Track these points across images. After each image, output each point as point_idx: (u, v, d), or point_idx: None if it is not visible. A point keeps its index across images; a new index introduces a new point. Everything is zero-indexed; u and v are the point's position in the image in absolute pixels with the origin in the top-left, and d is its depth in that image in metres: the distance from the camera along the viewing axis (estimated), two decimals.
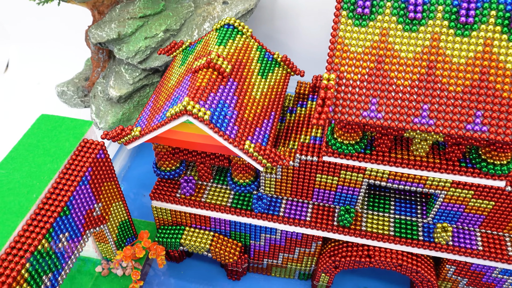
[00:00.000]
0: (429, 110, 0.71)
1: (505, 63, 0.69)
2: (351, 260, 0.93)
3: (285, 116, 1.05)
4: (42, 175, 0.79)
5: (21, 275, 0.68)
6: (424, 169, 0.82)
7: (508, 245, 0.88)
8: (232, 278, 1.07)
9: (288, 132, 0.98)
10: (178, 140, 0.87)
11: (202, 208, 0.96)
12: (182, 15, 1.23)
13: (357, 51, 0.73)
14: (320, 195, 0.93)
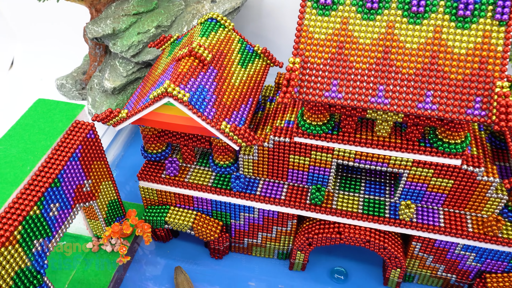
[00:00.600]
0: (385, 90, 0.78)
1: (452, 48, 0.76)
2: (323, 237, 1.00)
3: (265, 105, 1.12)
4: (36, 150, 0.87)
5: (14, 236, 0.75)
6: (386, 149, 0.89)
7: (469, 223, 0.94)
8: (214, 256, 1.14)
9: (266, 119, 1.05)
10: (162, 122, 0.95)
11: (185, 188, 1.04)
12: (173, 12, 1.31)
13: (320, 38, 0.80)
14: (294, 176, 1.00)
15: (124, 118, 0.94)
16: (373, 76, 0.78)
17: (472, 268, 1.00)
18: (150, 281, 1.10)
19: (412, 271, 1.06)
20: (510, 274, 0.97)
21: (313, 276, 1.10)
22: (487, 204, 0.92)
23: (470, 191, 0.91)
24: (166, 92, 0.85)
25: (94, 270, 1.05)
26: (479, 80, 0.75)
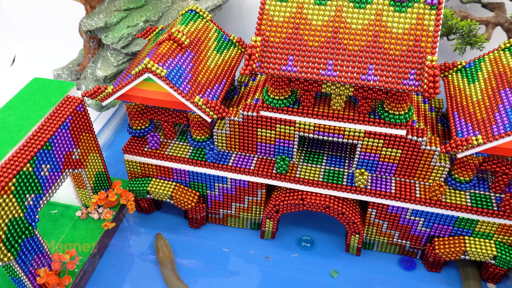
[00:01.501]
0: (333, 65, 0.90)
1: (391, 29, 0.89)
2: (288, 204, 1.11)
3: (240, 89, 1.24)
4: (31, 119, 0.98)
5: (9, 187, 0.86)
6: (341, 121, 1.00)
7: (417, 189, 1.05)
8: (193, 226, 1.24)
9: (240, 100, 1.17)
10: (144, 98, 1.06)
11: (165, 160, 1.15)
12: (160, 9, 1.44)
13: (279, 20, 0.92)
14: (263, 149, 1.11)
15: (110, 94, 1.06)
16: (323, 53, 0.90)
17: (422, 233, 1.11)
18: (133, 247, 1.20)
19: (371, 239, 1.17)
20: (455, 237, 1.08)
21: (282, 244, 1.21)
22: (432, 172, 1.04)
23: (417, 160, 1.02)
24: (146, 68, 0.97)
25: (82, 234, 1.15)
26: (413, 55, 0.87)
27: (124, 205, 1.25)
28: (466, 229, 1.06)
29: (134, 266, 1.16)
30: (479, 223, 1.04)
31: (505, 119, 0.91)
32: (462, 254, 1.06)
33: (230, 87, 1.27)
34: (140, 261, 1.17)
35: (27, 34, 1.97)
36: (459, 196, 1.04)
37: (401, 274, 1.14)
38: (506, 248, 1.05)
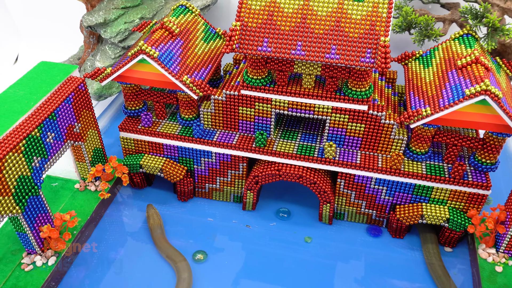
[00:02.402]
0: (302, 45, 1.04)
1: (351, 15, 1.04)
2: (266, 175, 1.24)
3: (225, 78, 1.39)
4: (38, 93, 1.12)
5: (19, 147, 0.99)
6: (311, 98, 1.14)
7: (379, 161, 1.19)
8: (181, 199, 1.37)
9: (224, 84, 1.31)
10: (139, 78, 1.20)
11: (156, 137, 1.28)
12: (155, 7, 1.59)
13: (255, 8, 1.07)
14: (244, 126, 1.25)
15: (109, 74, 1.20)
16: (293, 35, 1.05)
17: (386, 202, 1.24)
18: (126, 216, 1.32)
19: (341, 209, 1.29)
20: (414, 204, 1.21)
21: (262, 215, 1.33)
22: (392, 145, 1.18)
23: (378, 133, 1.16)
24: (141, 50, 1.11)
25: (80, 203, 1.27)
26: (369, 37, 1.02)
27: (119, 180, 1.37)
28: (423, 196, 1.20)
29: (127, 232, 1.28)
30: (434, 190, 1.17)
31: (450, 94, 1.06)
32: (420, 219, 1.19)
33: (217, 76, 1.42)
34: (133, 228, 1.29)
35: (30, 33, 2.11)
36: (416, 166, 1.17)
37: (368, 240, 1.27)
38: (458, 212, 1.18)
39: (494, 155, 1.13)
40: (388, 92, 1.29)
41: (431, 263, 1.18)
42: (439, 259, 1.19)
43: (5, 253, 1.13)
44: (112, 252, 1.22)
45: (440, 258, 1.20)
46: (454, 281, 1.13)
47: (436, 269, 1.16)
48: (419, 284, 1.16)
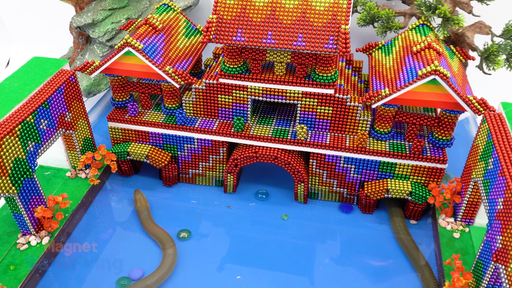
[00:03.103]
0: (272, 35, 1.15)
1: (315, 7, 1.15)
2: (244, 157, 1.34)
3: (205, 71, 1.49)
4: (32, 84, 1.21)
5: (15, 131, 1.08)
6: (282, 84, 1.25)
7: (347, 141, 1.30)
8: (166, 184, 1.46)
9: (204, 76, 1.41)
10: (126, 70, 1.30)
11: (142, 125, 1.38)
12: (140, 9, 1.70)
13: (230, 3, 1.18)
14: (223, 113, 1.35)
15: (97, 67, 1.30)
16: (264, 26, 1.16)
17: (355, 180, 1.35)
18: (115, 201, 1.41)
19: (315, 188, 1.40)
20: (381, 180, 1.32)
21: (242, 197, 1.43)
22: (358, 126, 1.29)
23: (345, 115, 1.28)
24: (127, 43, 1.22)
25: (71, 189, 1.36)
26: (332, 26, 1.14)
27: (108, 168, 1.46)
28: (388, 173, 1.31)
29: (115, 216, 1.37)
30: (397, 166, 1.29)
31: (406, 76, 1.18)
32: (385, 193, 1.30)
33: (198, 70, 1.53)
34: (121, 211, 1.38)
35: (21, 37, 2.20)
36: (380, 145, 1.29)
37: (341, 218, 1.37)
38: (420, 186, 1.29)
39: (449, 131, 1.25)
40: (354, 79, 1.40)
41: (400, 238, 1.29)
42: (407, 233, 1.30)
43: (1, 234, 1.22)
44: (102, 233, 1.31)
45: (408, 231, 1.30)
46: (420, 251, 1.24)
47: (406, 244, 1.26)
48: (392, 260, 1.25)
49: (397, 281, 1.19)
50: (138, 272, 1.18)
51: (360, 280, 1.19)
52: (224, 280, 1.17)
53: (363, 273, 1.21)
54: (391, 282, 1.18)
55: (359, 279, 1.19)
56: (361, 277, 1.20)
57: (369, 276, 1.20)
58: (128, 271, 1.19)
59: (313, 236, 1.31)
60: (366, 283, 1.18)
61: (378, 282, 1.18)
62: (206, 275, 1.18)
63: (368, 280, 1.19)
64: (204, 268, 1.20)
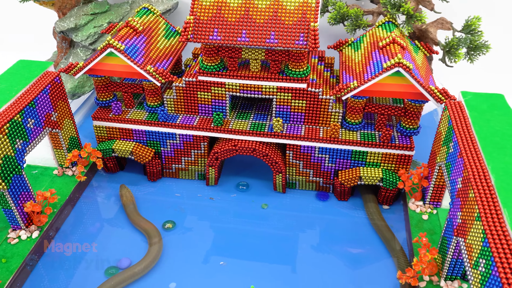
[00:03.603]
0: (246, 33, 1.23)
1: (286, 7, 1.23)
2: (224, 150, 1.41)
3: (185, 70, 1.56)
4: (19, 85, 1.26)
5: (4, 129, 1.13)
6: (258, 80, 1.33)
7: (321, 132, 1.38)
8: (150, 179, 1.52)
9: None
10: (109, 70, 1.36)
11: (126, 123, 1.44)
12: (121, 13, 1.76)
13: (206, 4, 1.26)
14: (203, 109, 1.42)
15: (81, 68, 1.36)
16: (239, 25, 1.24)
17: (330, 169, 1.43)
18: (102, 197, 1.46)
19: (293, 178, 1.47)
20: (354, 168, 1.40)
21: (223, 189, 1.50)
22: (330, 118, 1.37)
23: (317, 108, 1.35)
24: (109, 44, 1.28)
25: (58, 186, 1.41)
26: (302, 24, 1.22)
27: (94, 165, 1.52)
28: (360, 161, 1.39)
29: (102, 210, 1.42)
30: (368, 154, 1.37)
31: (372, 69, 1.26)
32: (358, 180, 1.38)
33: (179, 70, 1.59)
34: (107, 206, 1.43)
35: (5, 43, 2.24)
36: (352, 135, 1.37)
37: (318, 206, 1.45)
38: (390, 172, 1.37)
39: (415, 120, 1.34)
40: (327, 74, 1.48)
41: (376, 224, 1.37)
42: (381, 218, 1.38)
43: None
44: (90, 227, 1.36)
45: (382, 216, 1.38)
46: (395, 236, 1.32)
47: (382, 230, 1.34)
48: (369, 246, 1.32)
49: (374, 266, 1.25)
50: (125, 261, 1.24)
51: (339, 267, 1.25)
52: (207, 267, 1.24)
53: (342, 259, 1.27)
54: (368, 268, 1.25)
55: (338, 265, 1.25)
56: (340, 264, 1.26)
57: (347, 262, 1.26)
58: (116, 260, 1.24)
59: (293, 225, 1.38)
60: (345, 269, 1.24)
61: (356, 269, 1.24)
62: (191, 262, 1.25)
63: (347, 267, 1.25)
64: (188, 256, 1.27)
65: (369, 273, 1.23)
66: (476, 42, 1.39)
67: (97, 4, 1.76)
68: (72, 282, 1.19)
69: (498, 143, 1.04)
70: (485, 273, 0.82)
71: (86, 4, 1.76)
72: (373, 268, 1.25)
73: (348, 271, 1.24)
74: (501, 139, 1.06)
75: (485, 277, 0.82)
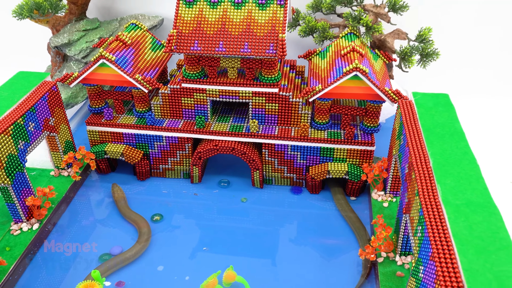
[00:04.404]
0: (223, 44, 1.40)
1: (257, 20, 1.41)
2: (207, 150, 1.56)
3: (171, 79, 1.72)
4: (20, 93, 1.41)
5: (8, 130, 1.28)
6: (235, 86, 1.49)
7: (292, 131, 1.54)
8: (140, 178, 1.66)
9: None
10: (101, 79, 1.52)
11: (117, 127, 1.59)
12: (111, 29, 1.93)
13: (187, 19, 1.43)
14: (186, 113, 1.58)
15: (76, 77, 1.51)
16: (216, 37, 1.40)
17: (302, 165, 1.59)
18: (95, 196, 1.60)
19: (269, 175, 1.63)
20: (322, 164, 1.56)
21: (206, 185, 1.65)
22: (300, 119, 1.53)
23: (289, 110, 1.52)
24: (101, 55, 1.44)
25: (55, 185, 1.55)
26: (271, 35, 1.39)
27: (88, 167, 1.66)
28: (328, 157, 1.55)
29: (96, 207, 1.56)
30: (335, 151, 1.53)
31: (335, 74, 1.44)
32: (327, 174, 1.54)
33: (164, 80, 1.75)
34: (100, 204, 1.57)
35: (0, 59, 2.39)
36: (320, 134, 1.53)
37: (293, 200, 1.60)
38: (355, 166, 1.54)
39: (375, 119, 1.51)
40: (298, 81, 1.66)
41: (348, 216, 1.52)
42: (350, 209, 1.53)
43: None
44: (84, 220, 1.50)
45: (350, 207, 1.54)
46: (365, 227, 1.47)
47: (353, 221, 1.49)
48: (341, 237, 1.45)
49: (347, 256, 1.37)
50: (117, 248, 1.38)
51: (315, 258, 1.36)
52: (191, 252, 1.38)
53: (317, 251, 1.39)
54: (342, 258, 1.36)
55: (314, 257, 1.37)
56: (316, 255, 1.38)
57: (323, 253, 1.38)
58: (109, 248, 1.38)
59: (272, 221, 1.51)
60: (321, 260, 1.36)
61: (331, 259, 1.36)
62: (176, 249, 1.39)
63: (322, 258, 1.36)
64: (174, 243, 1.41)
65: (341, 261, 1.35)
66: (427, 50, 1.58)
67: (88, 21, 1.92)
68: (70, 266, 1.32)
69: (439, 133, 1.22)
70: (421, 237, 0.98)
71: (78, 21, 1.92)
72: (346, 258, 1.36)
73: (323, 262, 1.35)
74: (441, 130, 1.23)
75: (420, 240, 0.98)
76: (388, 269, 1.26)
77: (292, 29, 1.84)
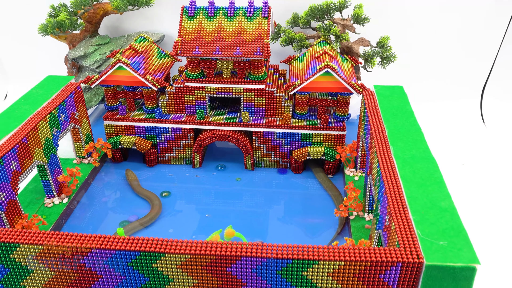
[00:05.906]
0: (219, 48, 1.72)
1: (247, 29, 1.74)
2: (206, 138, 1.86)
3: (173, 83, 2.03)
4: (51, 91, 1.71)
5: (46, 119, 1.56)
6: (229, 83, 1.81)
7: (277, 121, 1.85)
8: (149, 165, 1.95)
9: None
10: (119, 80, 1.82)
11: (130, 121, 1.88)
12: (120, 43, 2.25)
13: (190, 30, 1.75)
14: (188, 108, 1.89)
15: (96, 79, 1.81)
16: (213, 43, 1.73)
17: (286, 150, 1.89)
18: (111, 179, 1.88)
19: (259, 159, 1.93)
20: (303, 147, 1.87)
21: (206, 169, 1.94)
22: (284, 110, 1.85)
23: (274, 103, 1.84)
24: (119, 60, 1.75)
25: None
26: (258, 41, 1.72)
27: (104, 157, 1.94)
28: (308, 142, 1.86)
29: (112, 187, 1.83)
30: (313, 136, 1.85)
31: (310, 72, 1.77)
32: (307, 156, 1.84)
33: (168, 81, 2.07)
34: (116, 185, 1.85)
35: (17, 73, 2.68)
36: (301, 122, 1.85)
37: (280, 181, 1.90)
38: (330, 149, 1.85)
39: (345, 109, 1.84)
40: (280, 81, 1.98)
41: (327, 186, 1.81)
42: (329, 181, 1.83)
43: (31, 200, 1.66)
44: (103, 197, 1.77)
45: (329, 179, 1.84)
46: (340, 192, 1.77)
47: (331, 189, 1.79)
48: (323, 215, 1.73)
49: (329, 232, 1.63)
50: (134, 217, 1.65)
51: (300, 236, 1.59)
52: (196, 218, 1.66)
53: (302, 229, 1.63)
54: (325, 234, 1.60)
55: (299, 235, 1.60)
56: (301, 233, 1.61)
57: (307, 231, 1.62)
58: (127, 217, 1.65)
59: (262, 202, 1.79)
60: (305, 238, 1.58)
61: (314, 237, 1.60)
62: (183, 216, 1.67)
63: (307, 236, 1.59)
64: (181, 213, 1.69)
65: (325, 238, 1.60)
66: (386, 53, 1.93)
67: (101, 37, 2.24)
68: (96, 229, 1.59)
69: (393, 112, 1.55)
70: (378, 184, 1.29)
71: (92, 38, 2.24)
72: (328, 234, 1.62)
73: (307, 239, 1.57)
74: (396, 110, 1.56)
75: (378, 186, 1.29)
76: (358, 224, 1.56)
77: (275, 41, 2.18)
